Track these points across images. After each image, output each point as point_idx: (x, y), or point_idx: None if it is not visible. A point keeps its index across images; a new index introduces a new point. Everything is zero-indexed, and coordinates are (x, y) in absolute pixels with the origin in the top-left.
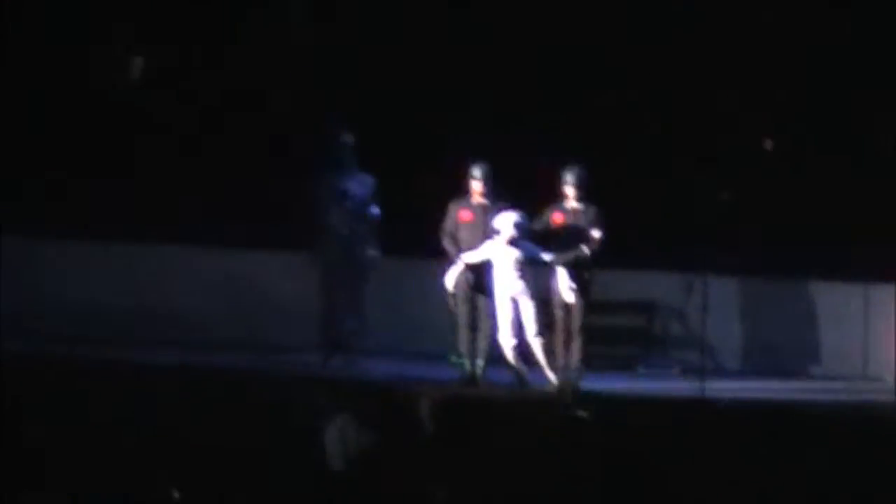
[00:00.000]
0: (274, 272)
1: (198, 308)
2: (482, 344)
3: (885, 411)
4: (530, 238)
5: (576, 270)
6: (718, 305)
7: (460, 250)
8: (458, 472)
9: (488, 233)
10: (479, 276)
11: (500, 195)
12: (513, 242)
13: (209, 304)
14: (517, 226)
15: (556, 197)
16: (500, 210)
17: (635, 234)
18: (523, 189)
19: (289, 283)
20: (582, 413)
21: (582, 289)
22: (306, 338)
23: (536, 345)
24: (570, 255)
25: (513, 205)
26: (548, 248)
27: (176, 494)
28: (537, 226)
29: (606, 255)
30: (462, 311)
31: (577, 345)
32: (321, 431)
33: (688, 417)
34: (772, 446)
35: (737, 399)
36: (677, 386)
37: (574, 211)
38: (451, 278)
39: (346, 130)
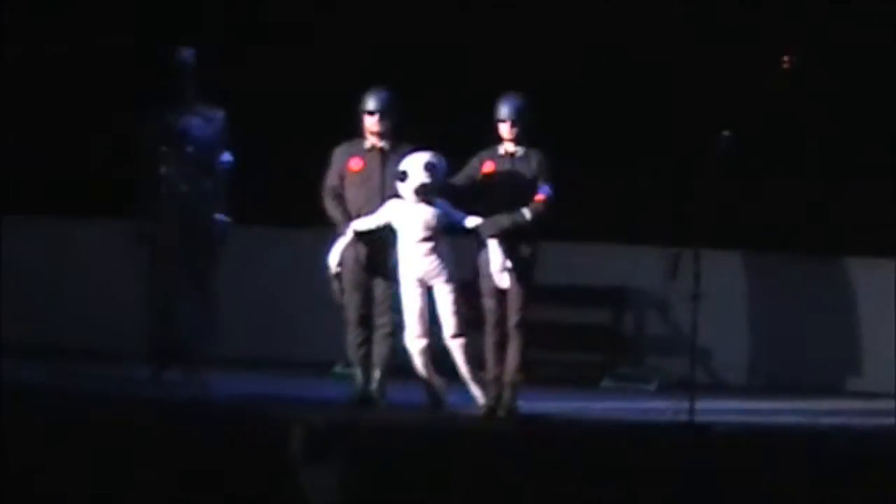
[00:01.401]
0: (91, 246)
1: None
2: (380, 347)
3: None
4: (450, 196)
5: (513, 243)
6: (715, 292)
7: (349, 215)
8: None
9: (389, 188)
10: (376, 251)
11: (406, 137)
12: (425, 196)
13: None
14: (431, 167)
15: (487, 140)
16: (404, 156)
17: (598, 191)
18: (441, 131)
19: (110, 264)
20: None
21: (522, 269)
22: (132, 341)
23: (457, 348)
24: (506, 222)
25: (425, 148)
26: (474, 212)
27: None
28: (460, 180)
29: (557, 222)
30: (351, 302)
31: (514, 348)
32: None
33: (671, 449)
34: (790, 491)
35: (739, 425)
36: (656, 406)
37: (511, 157)
38: (336, 254)
39: (185, 44)
